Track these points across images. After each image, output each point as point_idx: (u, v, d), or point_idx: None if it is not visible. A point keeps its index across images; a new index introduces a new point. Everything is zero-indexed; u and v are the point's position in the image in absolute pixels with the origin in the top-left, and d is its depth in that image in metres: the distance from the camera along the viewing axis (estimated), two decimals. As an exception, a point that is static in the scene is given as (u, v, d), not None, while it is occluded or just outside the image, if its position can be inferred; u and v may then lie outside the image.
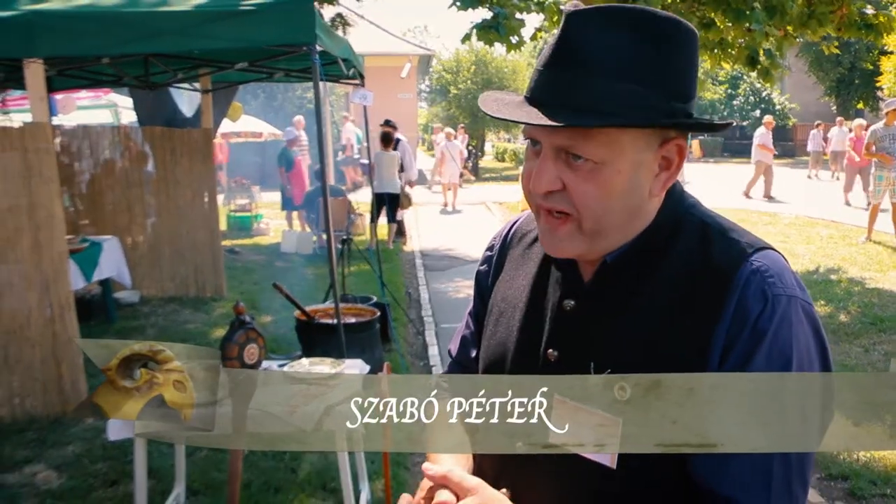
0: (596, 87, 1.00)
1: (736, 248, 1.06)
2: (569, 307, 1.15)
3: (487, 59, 26.73)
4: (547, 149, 1.05)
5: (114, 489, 3.86)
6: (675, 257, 1.08)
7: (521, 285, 1.25)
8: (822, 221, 12.83)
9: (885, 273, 8.71)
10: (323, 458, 4.17)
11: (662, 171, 1.08)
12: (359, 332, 5.15)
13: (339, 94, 24.74)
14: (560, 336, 1.14)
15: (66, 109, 11.21)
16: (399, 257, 10.84)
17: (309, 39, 4.45)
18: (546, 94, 1.03)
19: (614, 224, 1.07)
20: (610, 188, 1.03)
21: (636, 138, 1.03)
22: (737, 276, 1.02)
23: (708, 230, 1.09)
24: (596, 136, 1.00)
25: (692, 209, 1.14)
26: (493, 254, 1.36)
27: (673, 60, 1.03)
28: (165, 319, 7.19)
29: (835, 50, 8.47)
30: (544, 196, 1.07)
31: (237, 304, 3.11)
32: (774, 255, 1.06)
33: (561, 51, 1.02)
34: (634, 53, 1.00)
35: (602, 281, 1.13)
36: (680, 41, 1.03)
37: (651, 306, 1.07)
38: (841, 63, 29.60)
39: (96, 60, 5.37)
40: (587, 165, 1.02)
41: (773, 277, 1.02)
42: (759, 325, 0.99)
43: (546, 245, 1.13)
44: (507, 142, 40.11)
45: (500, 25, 7.64)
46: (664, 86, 1.02)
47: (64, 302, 4.70)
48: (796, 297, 1.02)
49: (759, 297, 1.00)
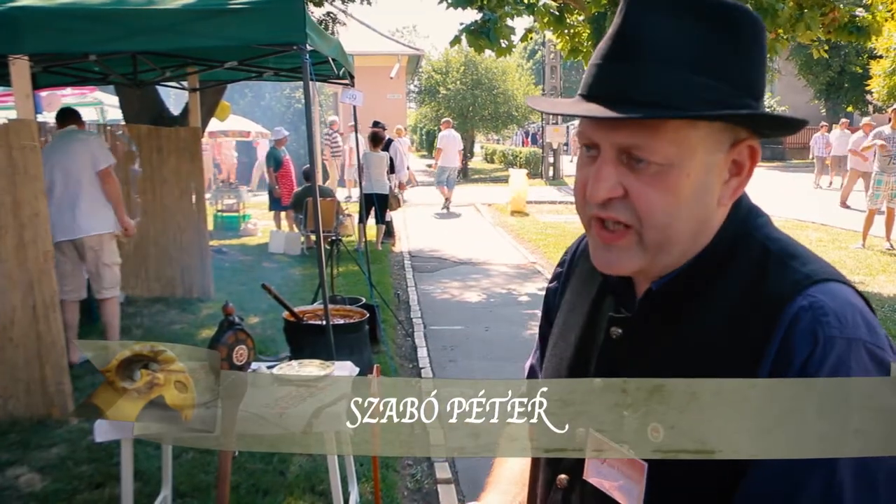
0: (662, 78, 0.90)
1: (792, 279, 0.93)
2: (616, 335, 1.07)
3: (477, 60, 26.72)
4: (607, 151, 0.94)
5: (99, 491, 3.81)
6: (729, 284, 0.97)
7: (579, 307, 1.17)
8: (813, 225, 12.90)
9: (874, 277, 8.76)
10: (311, 460, 4.14)
11: (733, 176, 0.98)
12: (348, 333, 5.13)
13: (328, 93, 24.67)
14: (606, 365, 1.07)
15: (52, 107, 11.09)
16: (388, 258, 10.81)
17: (299, 39, 4.41)
18: (607, 88, 0.94)
19: (680, 236, 0.97)
20: (677, 193, 0.93)
21: (707, 136, 0.93)
22: (785, 311, 0.89)
23: (768, 255, 0.97)
24: (664, 134, 0.91)
25: (756, 230, 1.01)
26: (563, 269, 1.28)
27: (744, 52, 0.94)
28: (151, 320, 7.13)
29: (824, 53, 8.51)
30: (602, 205, 0.96)
31: (226, 305, 3.06)
32: (838, 289, 0.92)
33: (622, 41, 0.93)
34: (704, 42, 0.91)
35: (647, 309, 1.04)
36: (750, 31, 0.94)
37: (696, 339, 0.96)
38: (831, 66, 29.82)
39: (83, 58, 5.30)
40: (652, 168, 0.92)
41: (828, 315, 0.88)
42: (807, 371, 0.86)
43: (599, 261, 1.02)
44: (495, 143, 40.18)
45: (489, 30, 7.63)
46: (736, 79, 0.93)
47: (48, 302, 4.64)
48: (860, 339, 0.87)
49: (807, 338, 0.87)
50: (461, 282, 9.40)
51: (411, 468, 4.25)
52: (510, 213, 15.74)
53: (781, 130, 1.00)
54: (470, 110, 26.97)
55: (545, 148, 24.54)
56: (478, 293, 8.73)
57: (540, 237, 12.46)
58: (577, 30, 8.79)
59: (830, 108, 31.97)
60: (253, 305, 7.25)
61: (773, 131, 1.00)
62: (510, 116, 28.06)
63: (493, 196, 18.92)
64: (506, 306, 7.96)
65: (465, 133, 28.54)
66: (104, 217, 5.56)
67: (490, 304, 8.17)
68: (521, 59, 32.24)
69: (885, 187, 10.05)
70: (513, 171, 18.23)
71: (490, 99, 26.90)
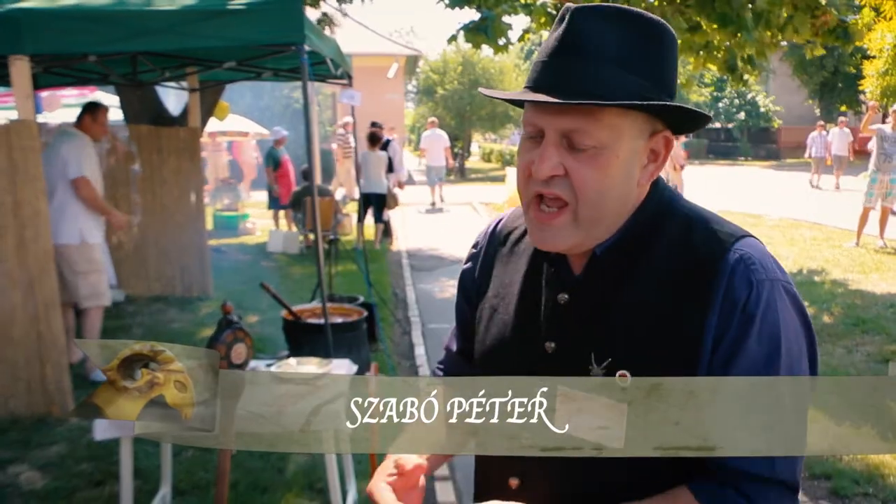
0: (601, 73, 1.05)
1: (718, 238, 1.12)
2: (563, 300, 1.18)
3: (474, 60, 26.75)
4: (551, 134, 1.08)
5: (99, 490, 3.84)
6: (662, 247, 1.14)
7: (512, 282, 1.28)
8: (807, 224, 12.93)
9: (867, 275, 8.79)
10: (310, 458, 4.16)
11: (650, 162, 1.15)
12: (346, 331, 5.15)
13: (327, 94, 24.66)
14: (557, 329, 1.18)
15: (52, 107, 11.11)
16: (386, 257, 10.83)
17: (298, 39, 4.44)
18: (554, 79, 1.08)
19: (609, 211, 1.12)
20: (609, 172, 1.08)
21: (633, 125, 1.09)
22: (722, 264, 1.08)
23: (691, 221, 1.15)
24: (601, 120, 1.06)
25: (674, 201, 1.19)
26: (479, 251, 1.39)
27: (664, 58, 1.11)
28: (151, 319, 7.15)
29: (820, 50, 8.54)
30: (545, 182, 1.10)
31: (225, 304, 3.10)
32: (755, 242, 1.13)
33: (567, 41, 1.08)
34: (634, 47, 1.07)
35: (593, 273, 1.17)
36: (668, 42, 1.11)
37: (643, 296, 1.12)
38: (825, 67, 29.87)
39: (83, 58, 5.33)
40: (589, 151, 1.07)
41: (755, 264, 1.08)
42: (748, 310, 1.06)
43: (538, 239, 1.16)
44: (493, 142, 40.18)
45: (487, 28, 7.66)
46: (658, 80, 1.09)
47: (49, 301, 4.67)
48: (778, 279, 1.09)
49: (744, 284, 1.07)
50: (459, 281, 9.42)
51: (409, 466, 4.28)
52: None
53: (691, 123, 1.17)
54: (467, 110, 26.99)
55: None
56: (475, 292, 8.75)
57: (537, 236, 12.46)
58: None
59: (824, 108, 32.03)
60: (251, 304, 7.28)
61: (686, 124, 1.17)
62: (507, 116, 28.07)
63: (491, 195, 18.92)
64: (503, 305, 7.96)
65: (463, 133, 28.57)
66: (71, 227, 5.29)
67: (487, 304, 8.17)
68: (518, 60, 32.26)
69: (879, 186, 10.07)
70: (510, 170, 18.24)
71: (487, 99, 26.88)
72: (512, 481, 1.18)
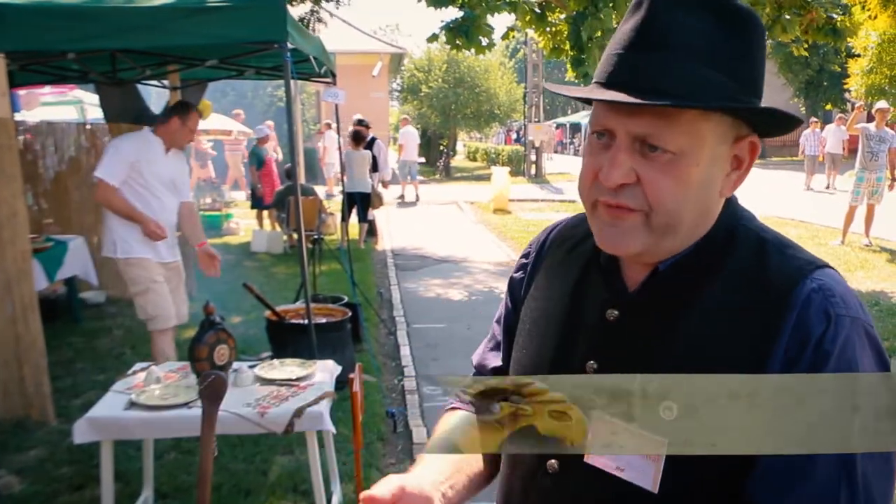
0: (682, 70, 0.94)
1: (794, 265, 1.00)
2: (612, 317, 1.07)
3: (459, 58, 26.72)
4: (622, 138, 0.97)
5: (79, 493, 3.78)
6: (730, 271, 1.02)
7: (558, 294, 1.17)
8: (793, 222, 13.03)
9: (852, 273, 8.86)
10: (294, 460, 4.13)
11: (733, 170, 1.03)
12: (330, 332, 5.12)
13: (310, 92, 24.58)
14: (601, 347, 1.07)
15: (30, 105, 10.99)
16: (370, 257, 10.80)
17: (280, 37, 4.39)
18: (627, 76, 0.97)
19: (683, 223, 1.01)
20: (687, 181, 0.97)
21: (715, 129, 0.98)
22: (796, 293, 0.96)
23: (765, 244, 1.03)
24: (679, 123, 0.95)
25: (747, 222, 1.08)
26: (529, 261, 1.29)
27: (752, 53, 0.99)
28: (132, 320, 7.05)
29: (804, 52, 8.60)
30: (614, 191, 0.99)
31: (207, 305, 3.06)
32: (836, 275, 1.01)
33: (646, 32, 0.97)
34: (720, 41, 0.96)
35: (651, 291, 1.06)
36: (758, 34, 1.00)
37: (703, 321, 1.00)
38: (810, 65, 30.13)
39: (61, 56, 5.24)
40: (665, 157, 0.96)
41: (835, 297, 0.96)
42: (823, 347, 0.93)
43: (605, 239, 1.04)
44: (478, 141, 40.20)
45: (468, 29, 7.62)
46: (744, 77, 0.98)
47: (27, 302, 4.60)
48: (860, 319, 0.96)
49: (821, 316, 0.94)
50: (444, 280, 9.40)
51: (394, 467, 4.25)
52: (492, 211, 15.77)
53: (781, 128, 1.04)
54: (452, 108, 26.98)
55: (527, 146, 24.59)
56: (460, 291, 8.74)
57: (522, 235, 12.49)
58: (558, 28, 8.81)
59: (809, 107, 32.32)
60: (235, 305, 7.22)
61: (773, 128, 1.05)
62: (492, 115, 28.08)
63: (476, 194, 18.94)
64: (488, 304, 7.97)
65: (448, 131, 28.55)
66: (106, 237, 4.83)
67: (472, 302, 8.18)
68: (503, 58, 32.28)
69: (865, 184, 10.17)
70: (495, 168, 18.27)
71: (472, 97, 26.93)
72: (551, 462, 1.08)
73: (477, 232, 13.41)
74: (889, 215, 11.05)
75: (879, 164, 10.12)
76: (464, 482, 1.17)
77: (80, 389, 5.19)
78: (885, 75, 19.57)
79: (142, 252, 4.81)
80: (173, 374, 3.37)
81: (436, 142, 29.63)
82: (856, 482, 0.90)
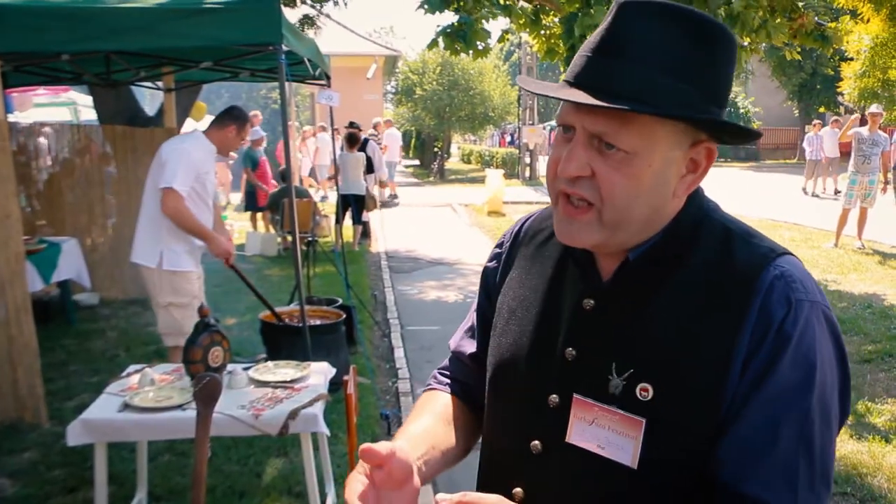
0: (641, 76, 1.00)
1: (758, 253, 1.06)
2: (588, 306, 1.13)
3: (454, 61, 26.73)
4: (581, 134, 1.03)
5: (73, 496, 3.77)
6: (697, 259, 1.08)
7: (535, 283, 1.23)
8: (786, 224, 13.08)
9: (846, 275, 8.89)
10: (288, 462, 4.13)
11: (689, 172, 1.08)
12: (324, 334, 5.12)
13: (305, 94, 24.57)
14: (579, 335, 1.12)
15: (23, 107, 10.97)
16: (364, 259, 10.79)
17: (275, 39, 4.40)
18: (591, 78, 1.02)
19: (635, 219, 1.06)
20: (638, 181, 1.03)
21: (670, 134, 1.03)
22: (760, 280, 1.02)
23: (730, 234, 1.09)
24: (633, 125, 1.00)
25: (713, 213, 1.13)
26: (503, 251, 1.34)
27: (716, 64, 1.04)
28: (126, 322, 7.07)
29: (797, 55, 8.64)
30: (571, 181, 1.05)
31: (202, 307, 3.05)
32: (796, 262, 1.07)
33: (610, 38, 1.02)
34: (682, 51, 1.01)
35: (623, 279, 1.12)
36: (726, 48, 1.05)
37: (673, 307, 1.06)
38: (803, 68, 30.22)
39: (55, 57, 5.22)
40: (619, 155, 1.02)
41: (796, 283, 1.02)
42: (784, 330, 0.99)
43: (562, 233, 1.10)
44: (472, 143, 40.22)
45: (465, 34, 7.63)
46: (706, 87, 1.03)
47: (20, 304, 4.58)
48: (818, 302, 1.03)
49: (782, 302, 1.00)
50: (438, 282, 9.40)
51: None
52: (487, 214, 15.77)
53: (738, 138, 1.10)
54: (447, 111, 26.97)
55: (521, 148, 24.61)
56: (455, 293, 8.74)
57: (517, 238, 12.47)
58: (552, 31, 8.83)
59: (803, 110, 32.43)
60: (229, 307, 7.21)
61: (731, 138, 1.10)
62: (487, 117, 28.09)
63: (470, 196, 18.95)
64: (483, 307, 7.95)
65: (442, 133, 28.56)
66: (149, 246, 4.61)
67: (467, 305, 8.13)
68: (497, 61, 32.25)
69: (858, 187, 10.24)
70: (489, 171, 18.28)
71: (467, 100, 26.93)
72: (534, 444, 1.13)
73: (471, 234, 13.42)
74: (881, 218, 11.09)
75: (872, 167, 10.19)
76: (437, 457, 1.21)
77: (73, 391, 5.18)
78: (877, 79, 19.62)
79: (188, 265, 4.66)
80: (167, 376, 3.37)
81: (430, 144, 29.64)
82: (813, 453, 0.99)
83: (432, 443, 1.21)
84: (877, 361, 5.75)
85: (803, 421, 0.98)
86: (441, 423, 1.28)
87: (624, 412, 1.03)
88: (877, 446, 4.28)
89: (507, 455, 1.17)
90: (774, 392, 0.98)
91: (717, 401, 1.00)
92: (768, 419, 0.98)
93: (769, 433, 0.98)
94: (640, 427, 1.02)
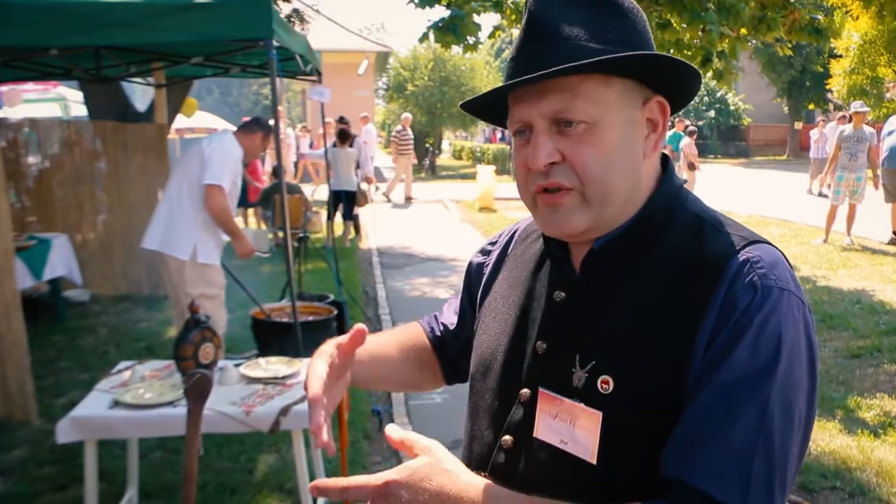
0: (568, 49, 1.01)
1: (728, 241, 1.03)
2: (559, 298, 1.13)
3: (445, 57, 26.72)
4: (538, 123, 1.04)
5: (63, 493, 3.76)
6: (666, 248, 1.06)
7: (515, 281, 1.24)
8: (776, 221, 13.13)
9: (835, 271, 8.93)
10: (280, 459, 4.12)
11: (651, 132, 1.09)
12: (315, 330, 5.11)
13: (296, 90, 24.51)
14: (549, 328, 1.13)
15: (12, 102, 10.91)
16: (356, 255, 10.78)
17: (266, 34, 4.38)
18: (523, 67, 1.03)
19: (617, 187, 1.05)
20: (608, 146, 1.03)
21: (621, 93, 1.04)
22: (727, 267, 0.99)
23: (703, 224, 1.07)
24: (582, 93, 1.01)
25: (687, 203, 1.12)
26: (494, 249, 1.36)
27: (637, 30, 1.06)
28: (117, 318, 7.04)
29: (788, 51, 8.68)
30: (544, 174, 1.04)
31: (193, 303, 3.04)
32: (769, 248, 1.03)
33: (530, 32, 1.05)
34: (601, 23, 1.03)
35: (591, 270, 1.11)
36: (629, 12, 1.07)
37: (639, 297, 1.04)
38: (793, 66, 30.36)
39: (44, 52, 5.19)
40: (580, 128, 1.02)
41: (763, 268, 0.98)
42: (746, 315, 0.95)
43: (549, 224, 1.09)
44: (463, 139, 40.21)
45: (456, 27, 7.63)
46: (627, 44, 1.04)
47: (10, 300, 4.56)
48: (790, 290, 0.98)
49: (748, 287, 0.97)
50: (429, 278, 9.40)
51: (380, 465, 4.25)
52: (478, 210, 15.78)
53: (681, 83, 1.09)
54: (438, 107, 26.95)
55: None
56: (446, 289, 8.74)
57: (508, 234, 12.48)
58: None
59: (793, 107, 32.58)
60: (220, 303, 7.18)
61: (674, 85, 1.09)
62: (478, 113, 28.05)
63: (461, 192, 18.94)
64: (474, 303, 7.96)
65: (434, 130, 28.53)
66: (183, 239, 4.65)
67: (459, 301, 8.16)
68: (488, 57, 32.25)
69: (845, 184, 10.31)
70: (480, 167, 18.27)
71: (458, 96, 26.89)
72: (506, 438, 1.13)
73: (463, 230, 13.41)
74: (870, 214, 11.15)
75: (859, 164, 10.29)
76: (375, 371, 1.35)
77: (63, 388, 5.16)
78: (866, 76, 19.76)
79: (216, 259, 4.78)
80: (158, 373, 3.36)
81: (421, 140, 29.63)
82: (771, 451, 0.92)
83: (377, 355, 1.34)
84: (866, 357, 5.78)
85: (761, 412, 0.92)
86: (394, 348, 1.41)
87: (584, 405, 1.02)
88: (866, 441, 4.30)
89: (483, 449, 1.18)
90: (732, 377, 0.93)
91: (677, 393, 0.96)
92: (722, 405, 0.93)
93: (723, 419, 0.92)
94: (597, 420, 1.00)
